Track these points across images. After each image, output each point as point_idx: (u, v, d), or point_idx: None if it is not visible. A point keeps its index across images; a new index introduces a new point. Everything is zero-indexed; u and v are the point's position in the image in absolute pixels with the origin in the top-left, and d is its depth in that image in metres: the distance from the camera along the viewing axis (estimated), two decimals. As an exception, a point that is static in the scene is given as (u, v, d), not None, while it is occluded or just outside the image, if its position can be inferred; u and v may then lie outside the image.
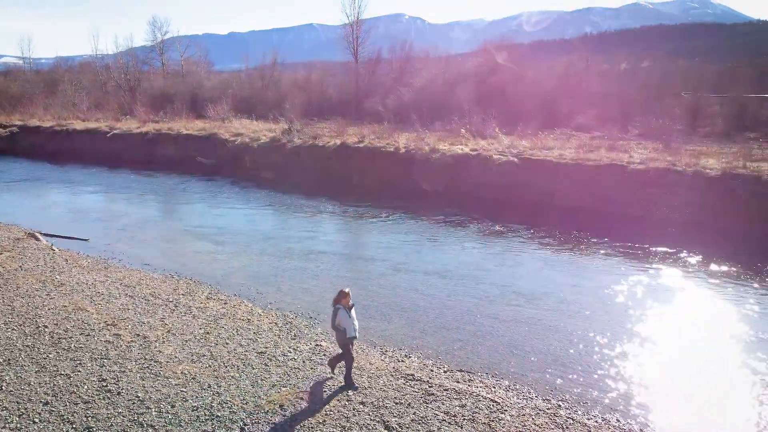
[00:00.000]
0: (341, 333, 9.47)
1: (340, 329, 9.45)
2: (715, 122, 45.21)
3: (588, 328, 12.81)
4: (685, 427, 9.17)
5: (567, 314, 13.59)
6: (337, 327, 9.48)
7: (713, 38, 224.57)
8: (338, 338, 9.62)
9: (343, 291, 9.66)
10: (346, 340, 9.48)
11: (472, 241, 20.23)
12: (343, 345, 9.62)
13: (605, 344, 12.09)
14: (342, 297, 9.55)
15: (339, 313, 9.42)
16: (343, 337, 9.47)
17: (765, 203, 19.85)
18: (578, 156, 24.76)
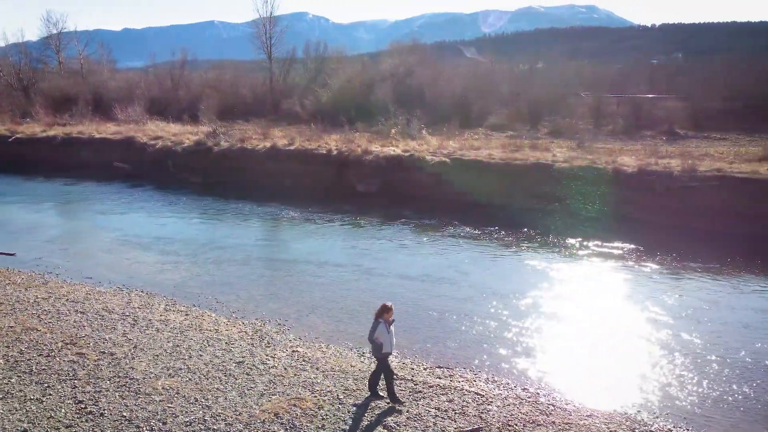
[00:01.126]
0: (377, 347, 9.43)
1: (377, 343, 9.41)
2: (616, 121, 48.59)
3: (541, 319, 13.66)
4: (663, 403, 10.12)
5: (519, 307, 14.40)
6: (375, 340, 9.43)
7: (600, 41, 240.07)
8: (374, 351, 9.57)
9: (386, 305, 9.62)
10: (381, 354, 9.45)
11: (415, 241, 20.79)
12: (379, 359, 9.57)
13: (559, 333, 12.98)
14: (385, 311, 9.51)
15: (379, 327, 9.37)
16: (379, 351, 9.44)
17: (677, 197, 21.79)
18: (506, 155, 25.98)
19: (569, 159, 24.68)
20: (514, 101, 54.76)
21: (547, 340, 12.70)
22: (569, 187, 23.58)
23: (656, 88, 60.25)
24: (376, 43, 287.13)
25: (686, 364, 11.49)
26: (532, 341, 12.62)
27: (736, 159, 25.22)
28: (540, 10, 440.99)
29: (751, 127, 45.21)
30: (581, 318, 13.84)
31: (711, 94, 51.89)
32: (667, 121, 47.66)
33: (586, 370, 11.35)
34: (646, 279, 16.69)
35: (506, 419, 9.29)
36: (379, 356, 9.50)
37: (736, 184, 21.35)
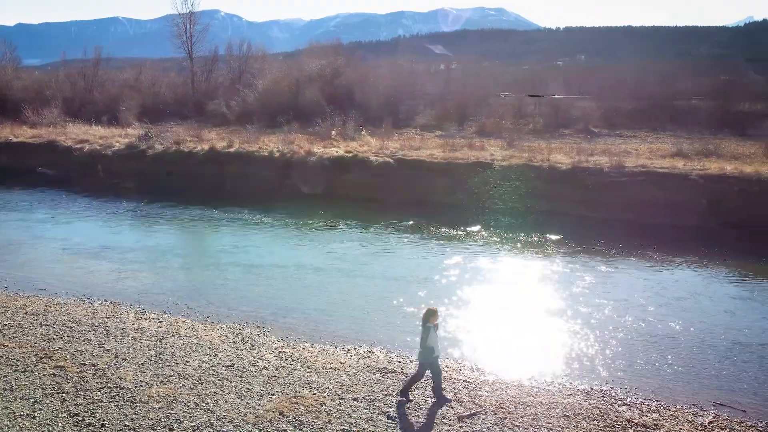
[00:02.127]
0: (428, 351, 9.65)
1: (428, 347, 9.64)
2: (537, 120, 51.14)
3: (501, 310, 14.57)
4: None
5: (478, 300, 15.25)
6: (427, 345, 9.66)
7: (510, 43, 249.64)
8: (424, 355, 9.75)
9: (432, 309, 9.90)
10: (432, 358, 9.72)
11: (367, 241, 21.29)
12: (429, 363, 9.80)
13: (521, 321, 13.92)
14: (431, 315, 9.75)
15: (431, 332, 9.62)
16: (430, 355, 9.69)
17: (608, 192, 23.50)
18: (447, 155, 26.97)
19: (507, 157, 25.98)
20: (440, 101, 56.43)
21: (515, 328, 13.57)
22: (509, 185, 24.84)
23: (571, 89, 63.81)
24: (291, 43, 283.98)
25: (639, 343, 12.68)
26: (499, 331, 13.45)
27: (652, 155, 27.53)
28: (453, 12, 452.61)
29: (657, 126, 49.04)
30: (536, 306, 14.83)
31: (620, 94, 55.56)
32: (582, 120, 50.64)
33: (556, 354, 12.26)
34: (585, 268, 18.03)
35: (498, 402, 9.99)
36: (430, 360, 9.76)
37: (659, 178, 23.31)
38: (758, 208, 21.49)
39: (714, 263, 18.47)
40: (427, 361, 9.80)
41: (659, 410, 9.87)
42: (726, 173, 22.54)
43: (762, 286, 16.87)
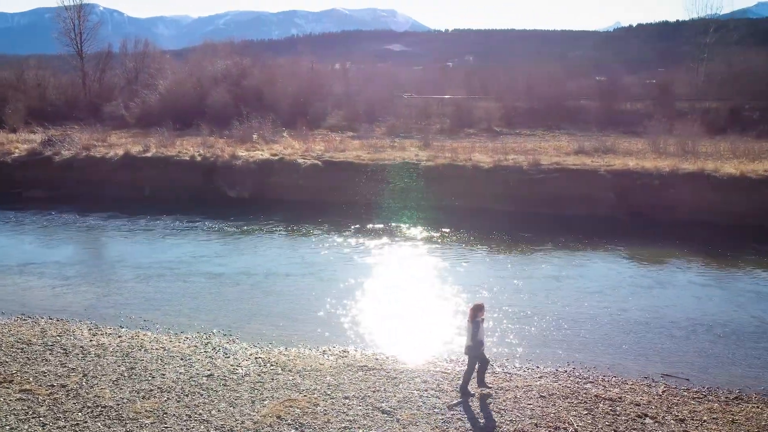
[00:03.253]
0: (478, 344, 10.17)
1: (478, 341, 10.15)
2: (444, 120, 53.02)
3: (446, 301, 15.41)
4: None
5: (421, 294, 16.01)
6: (477, 339, 10.13)
7: (404, 44, 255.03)
8: (473, 349, 10.20)
9: (479, 305, 10.34)
10: (479, 351, 10.24)
11: (303, 243, 21.45)
12: (476, 355, 10.31)
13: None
14: (479, 311, 10.21)
15: (480, 327, 10.16)
16: (478, 349, 10.20)
17: (528, 188, 25.14)
18: (374, 156, 27.58)
19: (431, 158, 27.02)
20: (347, 102, 56.98)
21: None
22: (436, 184, 25.87)
23: (470, 90, 66.61)
24: (179, 40, 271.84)
25: (584, 325, 13.95)
26: (457, 323, 14.22)
27: (559, 153, 29.72)
28: (345, 12, 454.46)
29: (552, 125, 52.53)
30: (478, 298, 15.80)
31: (516, 95, 58.79)
32: (486, 120, 53.15)
33: (514, 341, 13.19)
34: (513, 261, 19.40)
35: (479, 389, 10.69)
36: (477, 353, 10.31)
37: (572, 174, 25.26)
38: (658, 198, 23.92)
39: (627, 249, 20.42)
40: (476, 354, 10.35)
41: (619, 385, 11.02)
42: (630, 168, 24.85)
43: (668, 268, 18.88)
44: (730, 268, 18.72)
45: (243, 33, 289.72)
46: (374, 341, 13.14)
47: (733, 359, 12.26)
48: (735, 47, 74.60)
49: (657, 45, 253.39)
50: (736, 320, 14.30)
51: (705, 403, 10.33)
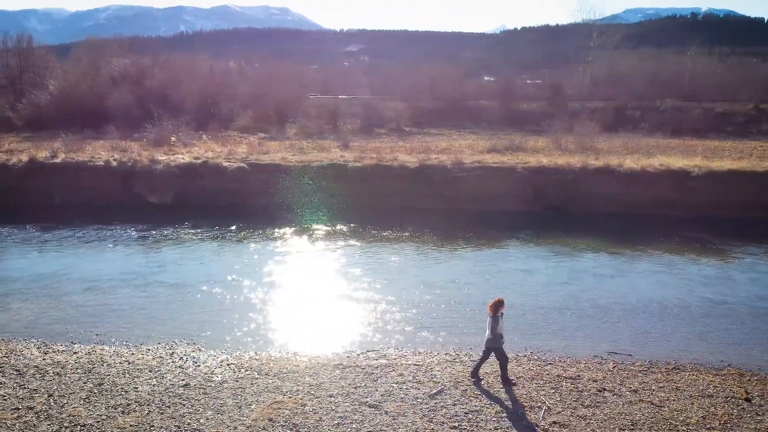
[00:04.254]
0: (498, 337, 10.69)
1: (498, 334, 10.67)
2: (354, 121, 53.60)
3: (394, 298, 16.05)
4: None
5: (360, 294, 16.55)
6: (497, 333, 10.65)
7: (296, 43, 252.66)
8: (493, 342, 10.73)
9: (500, 300, 10.84)
10: (498, 343, 10.78)
11: (240, 249, 21.24)
12: (495, 348, 10.86)
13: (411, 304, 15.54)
14: (501, 306, 10.74)
15: (501, 321, 10.70)
16: (498, 341, 10.74)
17: (453, 186, 26.26)
18: (302, 158, 27.62)
19: (358, 158, 27.49)
20: (254, 103, 56.09)
21: (417, 313, 15.06)
22: (364, 184, 26.35)
23: (375, 91, 67.62)
24: (56, 36, 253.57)
25: (530, 311, 15.05)
26: (409, 317, 14.85)
27: (472, 151, 31.24)
28: (236, 10, 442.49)
29: (457, 124, 54.64)
30: (423, 294, 16.58)
31: (421, 95, 60.42)
32: (395, 120, 54.29)
33: (467, 330, 13.98)
34: (446, 256, 20.39)
35: (453, 377, 11.36)
36: (497, 346, 10.86)
37: (493, 172, 26.70)
38: (572, 192, 25.87)
39: (547, 240, 22.06)
40: (495, 346, 10.89)
41: (574, 364, 12.10)
42: (544, 165, 26.65)
43: (585, 257, 20.59)
44: (641, 254, 20.74)
45: (127, 29, 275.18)
46: (338, 340, 13.44)
47: (666, 335, 13.79)
48: (615, 51, 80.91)
49: (540, 47, 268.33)
50: (662, 300, 16.01)
51: (650, 375, 11.62)
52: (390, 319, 14.72)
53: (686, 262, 19.97)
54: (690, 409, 10.26)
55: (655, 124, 50.00)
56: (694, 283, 17.64)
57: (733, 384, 11.21)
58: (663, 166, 25.68)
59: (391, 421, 9.82)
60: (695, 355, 12.67)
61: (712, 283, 17.75)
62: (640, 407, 10.29)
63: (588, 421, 9.85)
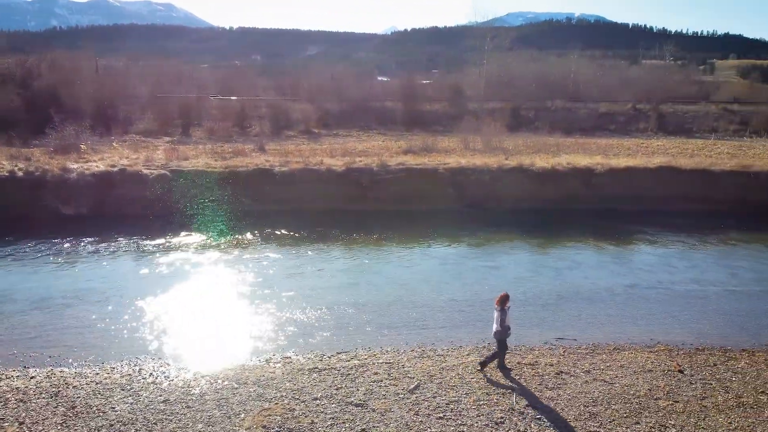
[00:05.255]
0: (506, 329, 11.50)
1: (507, 326, 11.48)
2: (263, 123, 52.93)
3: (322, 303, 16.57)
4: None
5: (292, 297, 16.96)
6: (506, 325, 11.45)
7: (183, 41, 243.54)
8: (501, 334, 11.51)
9: (507, 294, 11.74)
10: (506, 335, 11.64)
11: (158, 259, 20.69)
12: (502, 339, 11.69)
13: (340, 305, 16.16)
14: (507, 300, 11.58)
15: (508, 314, 11.53)
16: (505, 333, 11.60)
17: (378, 188, 26.99)
18: (225, 163, 27.19)
19: (284, 163, 27.50)
20: (152, 105, 53.89)
21: (365, 314, 15.67)
22: (292, 188, 26.45)
23: (280, 91, 66.95)
24: None
25: (464, 305, 16.08)
26: (353, 317, 15.40)
27: (389, 153, 32.22)
28: (116, 5, 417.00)
29: (364, 125, 55.58)
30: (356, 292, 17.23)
31: (326, 97, 60.77)
32: (303, 122, 54.25)
33: (416, 325, 14.75)
34: (368, 255, 21.15)
35: (426, 372, 12.07)
36: (505, 337, 11.68)
37: (416, 173, 27.73)
38: (490, 191, 27.47)
39: (470, 237, 23.36)
40: (503, 338, 11.62)
41: (530, 351, 13.21)
42: (463, 166, 28.07)
43: (507, 250, 22.13)
44: (561, 246, 22.57)
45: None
46: (305, 345, 13.70)
47: (600, 319, 15.30)
48: (504, 53, 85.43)
49: (429, 48, 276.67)
50: (590, 288, 17.67)
51: (597, 356, 12.96)
52: (349, 321, 15.14)
53: (601, 251, 22.01)
54: (637, 383, 11.63)
55: (547, 124, 53.66)
56: (612, 271, 19.57)
57: (666, 359, 12.79)
58: (570, 165, 27.90)
59: (381, 417, 10.35)
60: (629, 336, 14.22)
61: (627, 269, 19.78)
62: (595, 385, 11.53)
63: (555, 402, 10.91)
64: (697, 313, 15.85)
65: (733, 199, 27.44)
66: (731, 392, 11.30)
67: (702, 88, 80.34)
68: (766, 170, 27.48)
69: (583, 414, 10.48)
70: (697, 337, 14.12)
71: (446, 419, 10.27)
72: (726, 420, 10.30)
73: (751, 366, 12.48)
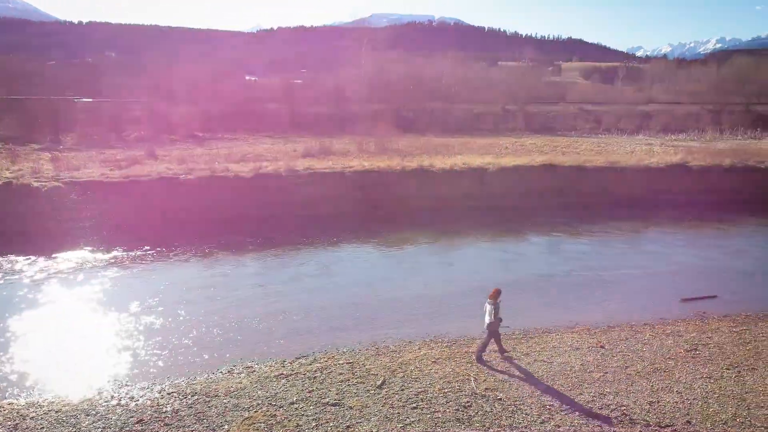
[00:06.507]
0: (497, 321, 12.52)
1: (498, 318, 12.50)
2: (142, 128, 50.44)
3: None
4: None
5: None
6: (498, 317, 12.48)
7: (20, 35, 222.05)
8: (493, 324, 12.52)
9: (498, 290, 12.79)
10: (497, 326, 12.64)
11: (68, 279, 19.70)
12: (494, 330, 12.93)
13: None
14: (498, 294, 12.61)
15: (498, 307, 12.52)
16: (497, 324, 12.63)
17: (287, 193, 27.22)
18: (124, 173, 25.96)
19: (189, 171, 26.83)
20: (11, 107, 49.47)
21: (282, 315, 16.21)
22: (199, 196, 25.89)
23: (147, 91, 63.58)
24: None
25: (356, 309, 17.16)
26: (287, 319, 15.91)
27: (288, 157, 32.56)
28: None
29: (250, 128, 54.81)
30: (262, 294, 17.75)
31: (206, 99, 59.11)
32: (184, 125, 52.43)
33: (371, 324, 15.54)
34: (286, 260, 21.68)
35: (386, 367, 12.88)
36: (496, 328, 12.72)
37: (323, 177, 28.32)
38: (394, 192, 28.77)
39: (378, 238, 24.39)
40: (494, 329, 12.53)
41: (473, 341, 14.43)
42: (367, 169, 29.10)
43: (410, 250, 23.43)
44: (466, 241, 24.36)
45: None
46: (262, 352, 13.93)
47: (523, 307, 16.89)
48: (380, 54, 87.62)
49: (297, 48, 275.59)
50: (504, 279, 19.31)
51: (531, 340, 14.52)
52: (298, 327, 15.50)
53: (502, 244, 24.08)
54: (571, 360, 13.29)
55: (427, 125, 56.43)
56: (517, 261, 21.60)
57: (587, 337, 14.65)
58: (466, 165, 29.94)
59: (360, 414, 11.01)
60: (552, 320, 15.97)
61: (529, 260, 21.91)
62: (538, 365, 13.02)
63: (509, 383, 12.22)
64: (604, 296, 18.13)
65: (603, 192, 31.02)
66: (646, 360, 13.31)
67: (558, 89, 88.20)
68: (630, 166, 31.37)
69: (535, 391, 11.87)
70: (607, 317, 16.22)
71: (419, 408, 11.17)
72: (648, 384, 12.18)
73: (654, 338, 14.67)
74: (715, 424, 10.70)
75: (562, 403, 11.37)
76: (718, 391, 11.91)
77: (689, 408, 11.25)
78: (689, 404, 11.38)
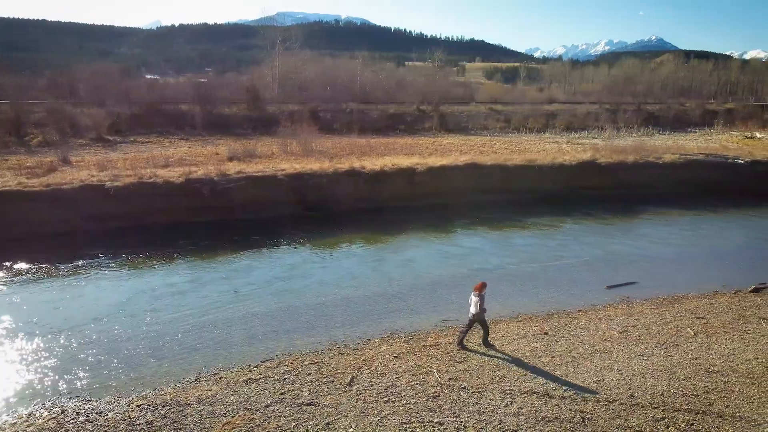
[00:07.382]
0: (482, 312, 13.29)
1: (483, 309, 13.29)
2: (47, 131, 47.58)
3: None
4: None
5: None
6: (483, 308, 13.26)
7: None
8: (479, 315, 13.31)
9: (484, 282, 13.96)
10: (482, 317, 13.47)
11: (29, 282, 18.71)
12: (480, 320, 13.93)
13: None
14: (484, 287, 13.40)
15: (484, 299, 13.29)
16: (482, 315, 13.46)
17: (221, 198, 26.88)
18: (44, 181, 24.61)
19: (116, 177, 25.82)
20: None
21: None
22: (126, 204, 25.02)
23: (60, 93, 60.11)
24: None
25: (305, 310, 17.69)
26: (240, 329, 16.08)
27: (216, 161, 32.13)
28: None
29: (164, 130, 53.10)
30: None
31: (113, 100, 56.52)
32: (93, 128, 49.92)
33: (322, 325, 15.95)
34: (222, 267, 21.71)
35: (351, 365, 13.35)
36: (481, 318, 13.60)
37: (257, 181, 28.16)
38: (328, 194, 29.10)
39: (311, 239, 24.70)
40: (480, 319, 13.40)
41: (427, 335, 15.23)
42: (300, 171, 29.23)
43: (340, 250, 24.00)
44: (400, 241, 25.16)
45: None
46: (223, 358, 13.98)
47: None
48: (291, 54, 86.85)
49: (200, 46, 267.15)
50: (451, 275, 20.30)
51: (477, 333, 15.45)
52: (256, 332, 15.60)
53: (433, 243, 25.10)
54: (520, 348, 14.33)
55: (344, 125, 57.02)
56: (456, 258, 22.67)
57: (531, 325, 15.81)
58: (395, 165, 30.78)
59: (336, 411, 11.44)
60: (495, 311, 16.98)
61: (466, 255, 23.05)
62: (492, 354, 13.95)
63: (469, 372, 13.06)
64: (539, 286, 19.47)
65: (524, 189, 32.90)
66: (586, 343, 14.61)
67: (466, 89, 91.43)
68: (546, 164, 33.44)
69: (494, 378, 12.77)
70: (544, 305, 17.52)
71: (392, 401, 11.75)
72: (592, 364, 13.43)
73: (590, 322, 16.08)
74: (654, 396, 12.05)
75: (521, 387, 12.35)
76: (651, 366, 13.35)
77: (630, 383, 12.57)
78: (629, 380, 12.71)
